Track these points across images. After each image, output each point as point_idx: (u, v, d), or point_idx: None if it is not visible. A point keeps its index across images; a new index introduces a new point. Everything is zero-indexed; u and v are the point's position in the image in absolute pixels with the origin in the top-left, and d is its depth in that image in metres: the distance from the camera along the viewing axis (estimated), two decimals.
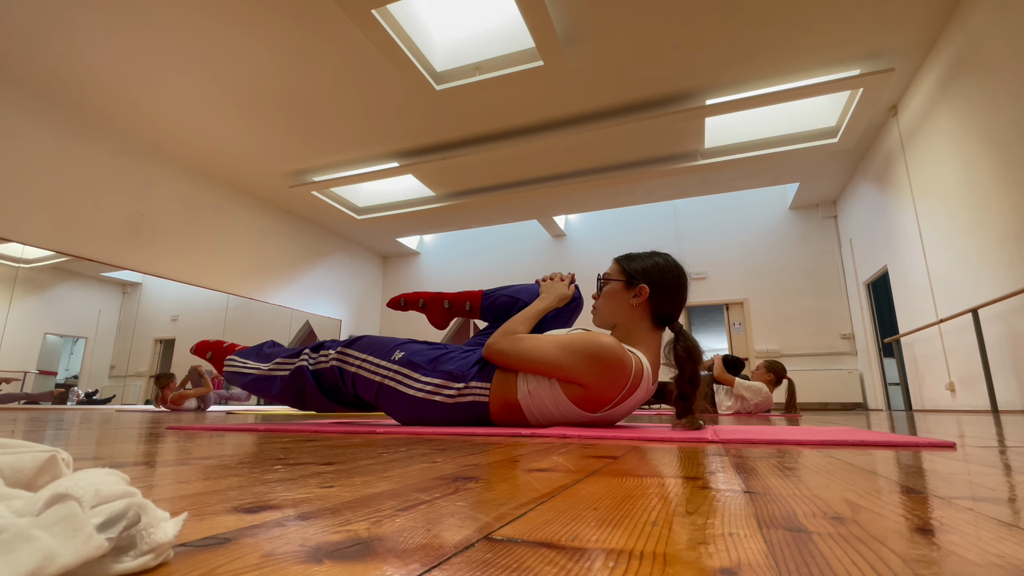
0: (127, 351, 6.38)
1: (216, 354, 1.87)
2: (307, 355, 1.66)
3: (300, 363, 1.64)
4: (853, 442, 0.91)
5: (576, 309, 1.70)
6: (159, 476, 0.53)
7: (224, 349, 1.86)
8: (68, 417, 2.54)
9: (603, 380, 1.28)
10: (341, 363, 1.59)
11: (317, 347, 1.67)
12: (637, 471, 0.57)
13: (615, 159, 5.42)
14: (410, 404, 1.49)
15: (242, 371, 1.75)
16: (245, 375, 1.74)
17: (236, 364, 1.77)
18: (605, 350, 1.28)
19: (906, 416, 3.09)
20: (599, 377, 1.28)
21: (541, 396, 1.36)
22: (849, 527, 0.31)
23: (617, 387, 1.30)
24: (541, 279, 1.70)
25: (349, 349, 1.61)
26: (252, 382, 1.72)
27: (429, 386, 1.48)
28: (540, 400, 1.37)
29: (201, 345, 1.95)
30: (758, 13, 3.53)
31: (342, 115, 4.73)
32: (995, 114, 3.29)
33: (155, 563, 0.22)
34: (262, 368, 1.72)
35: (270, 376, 1.69)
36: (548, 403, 1.36)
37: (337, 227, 7.56)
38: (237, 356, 1.80)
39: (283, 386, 1.65)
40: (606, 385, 1.29)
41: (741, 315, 6.99)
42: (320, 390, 1.62)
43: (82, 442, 1.00)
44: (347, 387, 1.59)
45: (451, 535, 0.29)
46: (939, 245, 4.19)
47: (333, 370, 1.59)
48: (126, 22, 3.60)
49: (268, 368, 1.71)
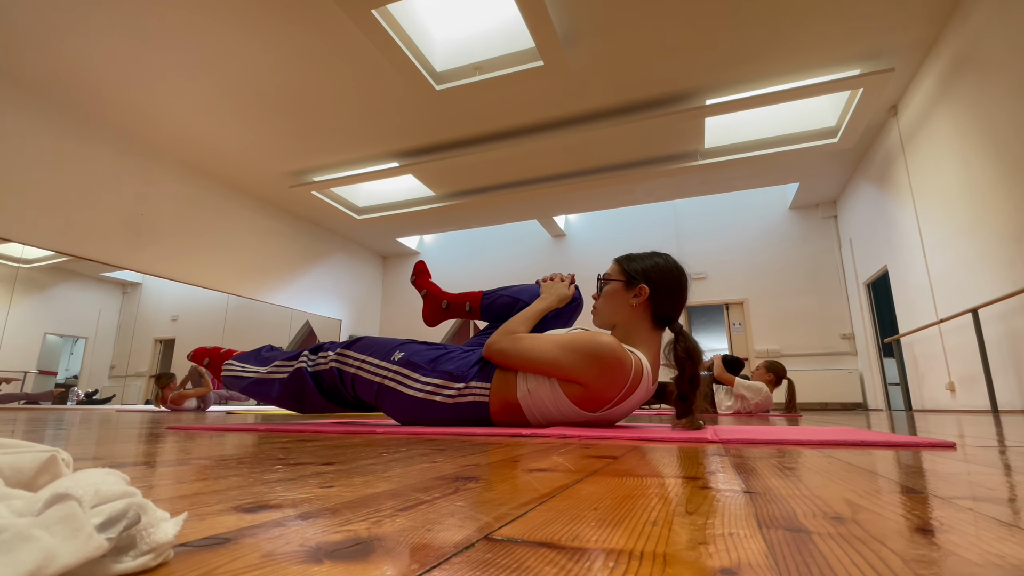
0: (127, 351, 6.38)
1: (213, 360, 1.86)
2: (306, 357, 1.65)
3: (299, 365, 1.63)
4: (853, 442, 0.91)
5: (576, 309, 1.70)
6: (159, 476, 0.53)
7: (221, 355, 1.85)
8: (68, 417, 2.54)
9: (602, 379, 1.28)
10: (340, 364, 1.59)
11: (316, 349, 1.67)
12: (637, 471, 0.57)
13: (615, 159, 5.42)
14: (410, 404, 1.49)
15: (240, 375, 1.74)
16: (243, 379, 1.73)
17: (234, 368, 1.76)
18: (604, 349, 1.28)
19: (906, 416, 3.09)
20: (598, 376, 1.28)
21: (541, 395, 1.36)
22: (849, 527, 0.31)
23: (617, 386, 1.30)
24: (541, 279, 1.71)
25: (348, 350, 1.60)
26: (250, 385, 1.71)
27: (429, 386, 1.47)
28: (540, 399, 1.37)
29: (198, 351, 1.94)
30: (758, 13, 3.53)
31: (342, 115, 4.73)
32: (995, 114, 3.29)
33: (155, 563, 0.22)
34: (260, 371, 1.71)
35: (269, 379, 1.68)
36: (548, 402, 1.36)
37: (337, 227, 7.56)
38: (235, 360, 1.79)
39: (282, 389, 1.64)
40: (605, 384, 1.29)
41: (741, 315, 6.99)
42: (319, 392, 1.61)
43: (82, 442, 1.00)
44: (347, 388, 1.59)
45: (451, 535, 0.29)
46: (939, 245, 4.19)
47: (332, 372, 1.59)
48: (126, 22, 3.60)
49: (267, 371, 1.70)
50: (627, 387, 1.30)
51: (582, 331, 1.40)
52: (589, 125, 4.81)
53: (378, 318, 8.89)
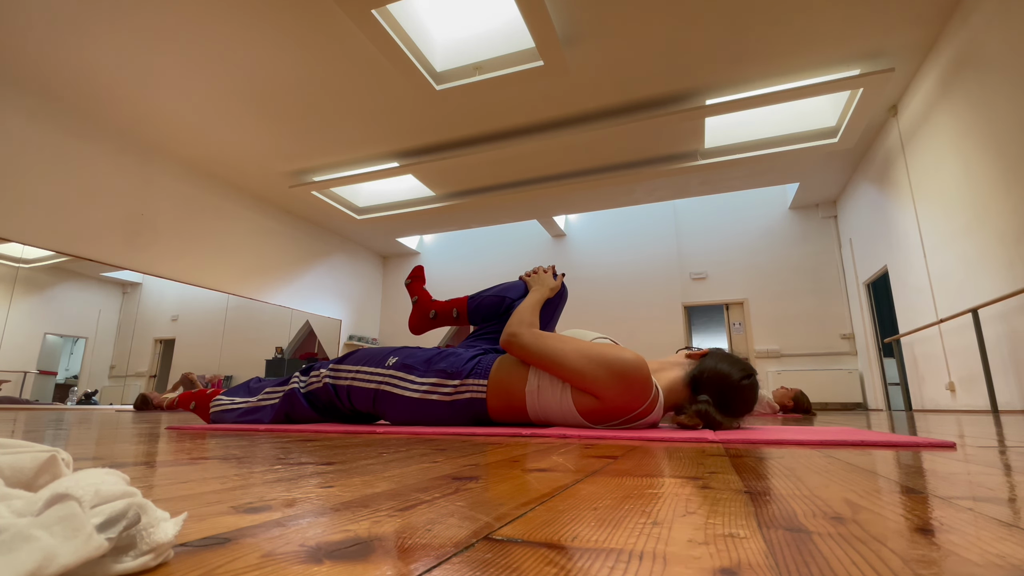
0: (127, 351, 6.38)
1: (200, 402, 1.83)
2: (297, 379, 1.65)
3: (291, 387, 1.63)
4: (853, 442, 0.91)
5: (562, 298, 1.73)
6: (159, 476, 0.53)
7: (208, 395, 1.83)
8: (65, 417, 2.54)
9: (621, 398, 1.27)
10: (334, 379, 1.59)
11: (307, 370, 1.67)
12: (637, 471, 0.57)
13: (615, 159, 5.42)
14: (407, 405, 1.48)
15: (230, 407, 1.72)
16: (234, 410, 1.71)
17: (223, 403, 1.74)
18: (631, 368, 1.26)
19: (906, 416, 3.09)
20: (619, 394, 1.26)
21: (548, 395, 1.36)
22: (849, 527, 0.31)
23: (631, 408, 1.28)
24: (524, 275, 1.74)
25: (342, 364, 1.60)
26: (242, 415, 1.69)
27: (425, 385, 1.47)
28: (546, 398, 1.36)
29: (183, 397, 1.94)
30: (758, 13, 3.53)
31: (342, 115, 4.73)
32: (995, 114, 3.29)
33: (155, 563, 0.22)
34: (251, 400, 1.70)
35: (260, 406, 1.67)
36: (552, 404, 1.36)
37: (337, 227, 7.55)
38: (223, 396, 1.77)
39: (275, 413, 1.63)
40: (622, 403, 1.27)
41: (741, 315, 6.99)
42: (314, 410, 1.61)
43: (82, 442, 1.00)
44: (342, 402, 1.58)
45: (451, 535, 0.29)
46: (939, 245, 4.19)
47: (327, 388, 1.59)
48: (126, 22, 3.60)
49: (257, 400, 1.69)
50: (640, 411, 1.29)
51: (607, 341, 1.39)
52: (589, 125, 4.81)
53: (378, 318, 8.89)
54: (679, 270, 7.27)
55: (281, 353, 7.38)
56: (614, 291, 7.38)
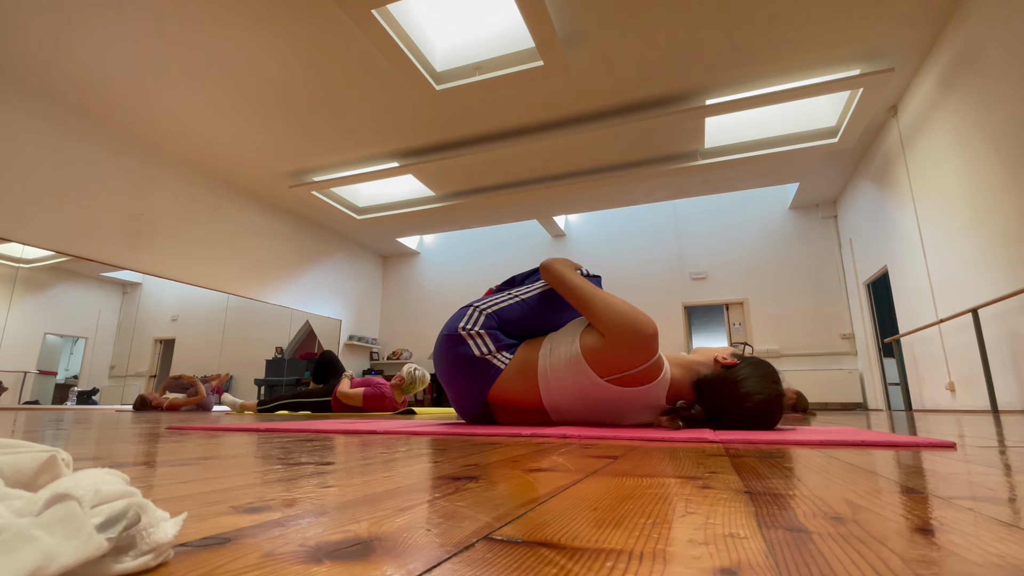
0: (127, 351, 6.38)
1: None
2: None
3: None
4: (853, 442, 0.91)
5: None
6: (159, 476, 0.53)
7: None
8: (64, 416, 2.54)
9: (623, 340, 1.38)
10: None
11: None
12: (637, 471, 0.57)
13: (615, 159, 5.42)
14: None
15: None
16: None
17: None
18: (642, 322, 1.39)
19: (906, 416, 3.09)
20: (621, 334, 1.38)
21: (559, 354, 1.48)
22: (849, 527, 0.31)
23: (631, 364, 1.37)
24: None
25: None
26: None
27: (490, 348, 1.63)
28: (557, 358, 1.48)
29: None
30: (758, 13, 3.53)
31: (342, 115, 4.72)
32: (995, 114, 3.29)
33: (155, 563, 0.22)
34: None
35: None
36: (563, 361, 1.46)
37: (337, 227, 7.55)
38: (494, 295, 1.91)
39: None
40: (626, 350, 1.37)
41: (741, 315, 6.99)
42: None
43: (82, 442, 1.00)
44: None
45: (451, 535, 0.29)
46: (939, 245, 4.19)
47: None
48: (126, 22, 3.60)
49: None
50: (640, 371, 1.36)
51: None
52: (589, 125, 4.81)
53: (378, 318, 8.89)
54: (679, 270, 7.27)
55: (281, 353, 7.38)
56: (614, 291, 7.37)
